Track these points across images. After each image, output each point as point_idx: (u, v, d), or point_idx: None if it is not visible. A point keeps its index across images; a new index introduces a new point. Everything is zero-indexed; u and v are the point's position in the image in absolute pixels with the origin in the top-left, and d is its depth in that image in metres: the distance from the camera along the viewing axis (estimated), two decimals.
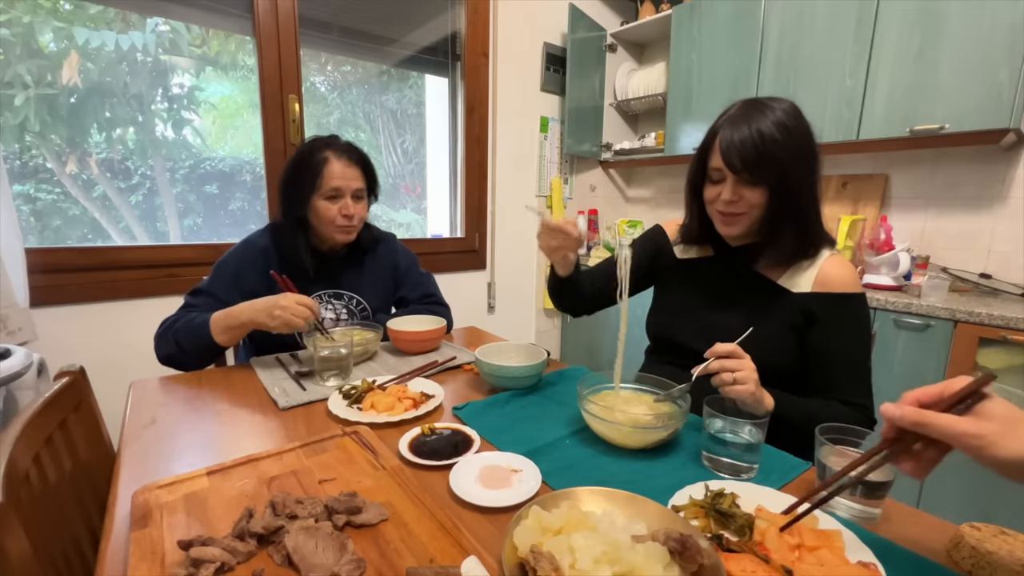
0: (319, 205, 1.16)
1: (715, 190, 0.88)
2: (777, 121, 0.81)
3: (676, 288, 1.06)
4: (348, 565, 0.47)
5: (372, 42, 2.10)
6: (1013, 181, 1.73)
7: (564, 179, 2.72)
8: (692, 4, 2.23)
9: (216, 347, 1.07)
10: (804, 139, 0.84)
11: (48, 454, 0.67)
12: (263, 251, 1.21)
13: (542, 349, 1.05)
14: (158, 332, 1.09)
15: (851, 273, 0.89)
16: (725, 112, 0.88)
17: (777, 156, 0.81)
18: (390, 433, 0.79)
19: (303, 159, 1.16)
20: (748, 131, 0.81)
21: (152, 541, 0.51)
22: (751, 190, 0.84)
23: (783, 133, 0.81)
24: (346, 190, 1.16)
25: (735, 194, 0.85)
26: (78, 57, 1.52)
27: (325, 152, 1.15)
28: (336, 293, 1.27)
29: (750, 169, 0.82)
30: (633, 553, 0.45)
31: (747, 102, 0.86)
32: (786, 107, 0.84)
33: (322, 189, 1.15)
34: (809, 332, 0.89)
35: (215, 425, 0.82)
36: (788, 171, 0.82)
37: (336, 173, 1.15)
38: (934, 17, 1.58)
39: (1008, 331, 1.37)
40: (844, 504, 0.60)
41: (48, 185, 1.56)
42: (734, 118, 0.84)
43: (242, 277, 1.17)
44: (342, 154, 1.17)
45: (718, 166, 0.86)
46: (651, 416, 0.75)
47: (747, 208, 0.86)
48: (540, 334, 2.79)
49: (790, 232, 0.87)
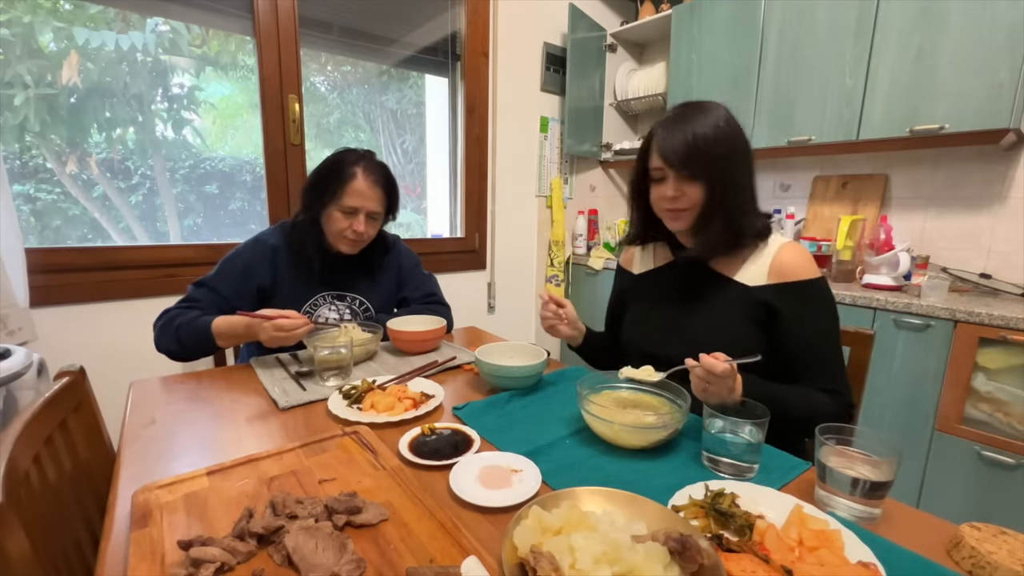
0: (333, 214, 1.18)
1: (659, 190, 0.93)
2: (709, 121, 0.87)
3: (639, 301, 1.09)
4: (348, 565, 0.47)
5: (372, 42, 2.10)
6: (1013, 181, 1.73)
7: (564, 179, 2.72)
8: (692, 4, 2.23)
9: (216, 348, 1.11)
10: (735, 136, 0.89)
11: (48, 454, 0.67)
12: (273, 248, 1.22)
13: (542, 349, 1.06)
14: (160, 323, 1.11)
15: (805, 258, 0.91)
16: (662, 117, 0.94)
17: (709, 152, 0.86)
18: (390, 433, 0.79)
19: (333, 166, 1.18)
20: (683, 131, 0.87)
21: (152, 541, 0.51)
22: (690, 185, 0.89)
23: (714, 131, 0.87)
24: (362, 209, 1.17)
25: (677, 190, 0.89)
26: (78, 57, 1.52)
27: (355, 167, 1.17)
28: (339, 295, 1.27)
29: (686, 164, 0.87)
30: (633, 553, 0.45)
31: (682, 105, 0.93)
32: (719, 109, 0.90)
33: (340, 201, 1.16)
34: (773, 327, 0.90)
35: (215, 425, 0.82)
36: (722, 165, 0.87)
37: (358, 190, 1.16)
38: (934, 17, 1.58)
39: (1008, 331, 1.37)
40: (844, 504, 0.60)
41: (48, 185, 1.55)
42: (669, 120, 0.90)
43: (251, 273, 1.18)
44: (370, 174, 1.18)
45: (658, 165, 0.91)
46: (651, 416, 0.75)
47: (690, 204, 0.90)
48: (540, 334, 2.78)
49: (718, 222, 0.90)
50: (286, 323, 1.03)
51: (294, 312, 1.07)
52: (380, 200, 1.21)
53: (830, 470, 0.61)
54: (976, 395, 1.46)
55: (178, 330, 1.08)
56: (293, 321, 1.04)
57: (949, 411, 1.49)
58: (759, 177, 2.66)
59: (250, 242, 1.23)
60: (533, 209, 2.65)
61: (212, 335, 1.06)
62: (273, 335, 1.03)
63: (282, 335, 1.03)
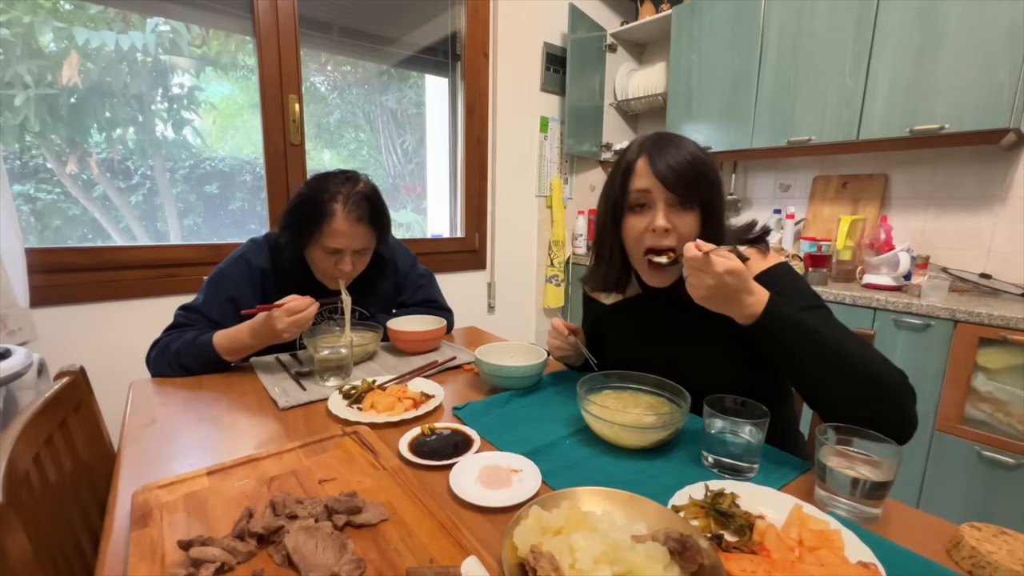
0: (316, 254, 1.11)
1: (643, 220, 0.82)
2: (695, 146, 0.82)
3: (614, 331, 1.03)
4: (348, 565, 0.47)
5: (372, 42, 2.10)
6: (1013, 181, 1.73)
7: (564, 179, 2.72)
8: (692, 4, 2.23)
9: (225, 363, 1.05)
10: (718, 172, 0.83)
11: (48, 454, 0.67)
12: (261, 272, 1.14)
13: (542, 349, 1.05)
14: (153, 355, 1.03)
15: (761, 255, 0.86)
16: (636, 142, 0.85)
17: (707, 175, 0.80)
18: (390, 433, 0.79)
19: (310, 203, 1.07)
20: (678, 152, 0.80)
21: (152, 541, 0.51)
22: (683, 216, 0.80)
23: (706, 157, 0.81)
24: (347, 250, 1.10)
25: (667, 220, 0.79)
26: (78, 57, 1.52)
27: (333, 204, 1.06)
28: (334, 307, 1.23)
29: (686, 184, 0.79)
30: (633, 553, 0.45)
31: (658, 134, 0.85)
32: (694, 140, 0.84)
33: (321, 243, 1.08)
34: None
35: (215, 425, 0.82)
36: (716, 194, 0.82)
37: (339, 231, 1.06)
38: (934, 17, 1.58)
39: (1008, 331, 1.37)
40: (844, 504, 0.60)
41: (48, 185, 1.56)
42: (655, 143, 0.82)
43: (239, 301, 1.10)
44: (352, 211, 1.07)
45: (646, 187, 0.80)
46: (651, 416, 0.75)
47: (678, 242, 0.80)
48: (540, 334, 2.79)
49: None
50: (295, 304, 0.99)
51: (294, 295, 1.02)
52: (365, 237, 1.11)
53: (830, 470, 0.61)
54: (976, 395, 1.46)
55: (178, 355, 1.01)
56: (301, 301, 1.00)
57: (949, 411, 1.49)
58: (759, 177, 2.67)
59: (236, 263, 1.14)
60: (533, 209, 2.65)
61: (216, 352, 1.01)
62: (288, 320, 0.98)
63: (297, 318, 0.98)
